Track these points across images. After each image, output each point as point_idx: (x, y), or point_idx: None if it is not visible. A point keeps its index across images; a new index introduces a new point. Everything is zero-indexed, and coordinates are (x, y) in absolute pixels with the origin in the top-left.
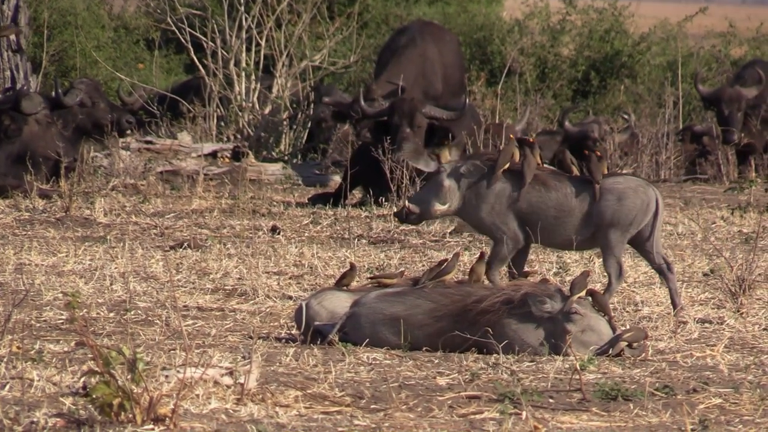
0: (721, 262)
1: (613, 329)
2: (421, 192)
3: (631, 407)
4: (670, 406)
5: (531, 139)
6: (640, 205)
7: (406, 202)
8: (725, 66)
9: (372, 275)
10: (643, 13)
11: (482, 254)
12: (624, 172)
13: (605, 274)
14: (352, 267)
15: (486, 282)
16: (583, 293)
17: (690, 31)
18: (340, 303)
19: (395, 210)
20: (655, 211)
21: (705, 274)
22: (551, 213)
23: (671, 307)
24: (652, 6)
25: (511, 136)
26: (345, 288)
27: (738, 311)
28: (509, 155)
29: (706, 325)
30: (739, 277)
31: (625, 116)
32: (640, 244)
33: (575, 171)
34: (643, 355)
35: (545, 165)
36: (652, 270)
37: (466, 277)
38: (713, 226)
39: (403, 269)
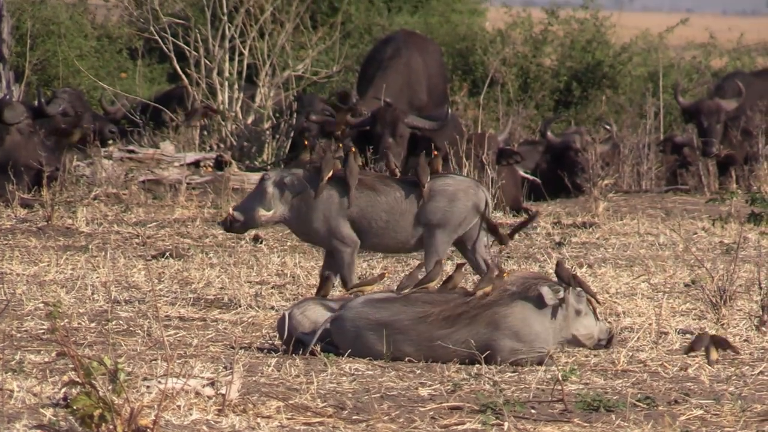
0: (703, 272)
1: (595, 314)
2: (245, 200)
3: (613, 418)
4: (652, 417)
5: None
6: (471, 207)
7: (231, 210)
8: (706, 77)
9: (352, 285)
10: (625, 23)
11: (459, 265)
12: (453, 172)
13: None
14: (328, 277)
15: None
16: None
17: (671, 42)
18: (323, 313)
19: (219, 219)
20: (483, 211)
21: (686, 285)
22: (382, 216)
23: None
24: (634, 17)
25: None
26: (325, 298)
27: (719, 322)
28: (332, 162)
29: (688, 335)
30: (720, 288)
31: (607, 127)
32: (466, 245)
33: (398, 173)
34: (611, 345)
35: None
36: (634, 281)
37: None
38: (694, 236)
39: (383, 271)
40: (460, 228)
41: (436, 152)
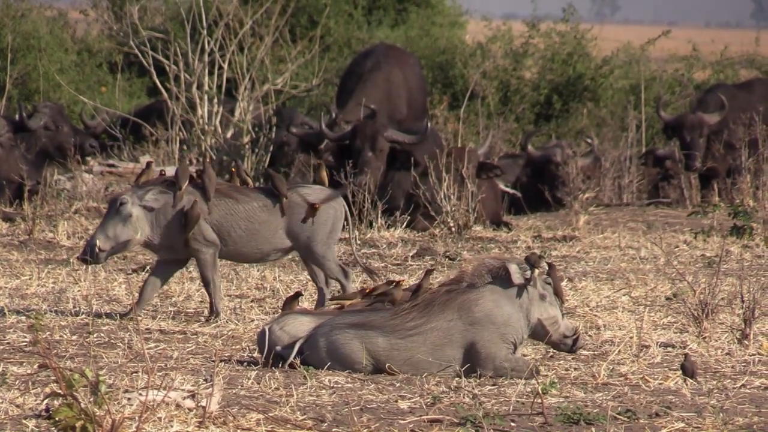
0: (684, 286)
1: (560, 298)
2: (106, 227)
3: (594, 431)
4: (633, 431)
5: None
6: (334, 214)
7: (96, 241)
8: (688, 90)
9: (331, 297)
10: (606, 36)
11: (428, 271)
12: (312, 183)
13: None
14: (297, 293)
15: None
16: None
17: (653, 55)
18: (302, 327)
19: (78, 254)
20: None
21: (668, 298)
22: (242, 225)
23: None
24: (615, 29)
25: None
26: (295, 311)
27: (701, 335)
28: (187, 173)
29: (669, 349)
30: (702, 302)
31: (588, 140)
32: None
33: (251, 183)
34: (578, 345)
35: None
36: (615, 294)
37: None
38: (676, 250)
39: (363, 287)
40: (333, 233)
41: (319, 162)
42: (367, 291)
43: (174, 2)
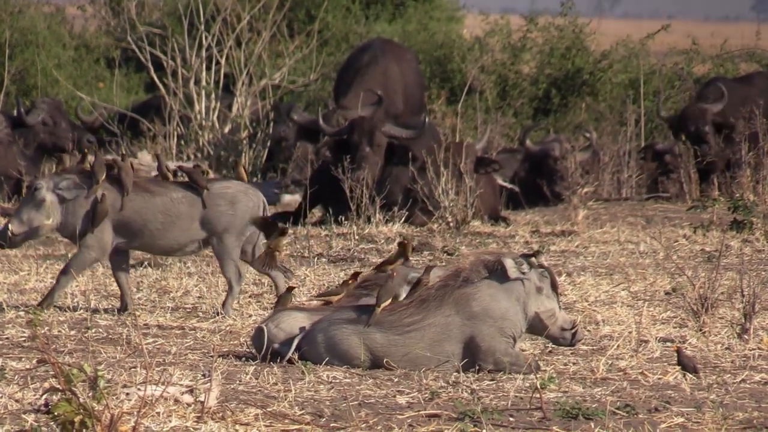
0: (684, 280)
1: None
2: (21, 211)
3: (592, 426)
4: (632, 426)
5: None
6: (252, 208)
7: (9, 224)
8: (688, 84)
9: (317, 294)
10: (605, 30)
11: (428, 267)
12: (231, 177)
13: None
14: (290, 288)
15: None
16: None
17: (652, 49)
18: (297, 323)
19: None
20: (261, 215)
21: (667, 293)
22: (158, 218)
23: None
24: (614, 24)
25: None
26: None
27: (700, 330)
28: (103, 167)
29: (668, 344)
30: (702, 296)
31: (587, 134)
32: (247, 248)
33: (171, 177)
34: (577, 338)
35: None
36: (614, 289)
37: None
38: (675, 244)
39: (349, 279)
40: (246, 230)
41: (237, 160)
42: (350, 282)
43: None
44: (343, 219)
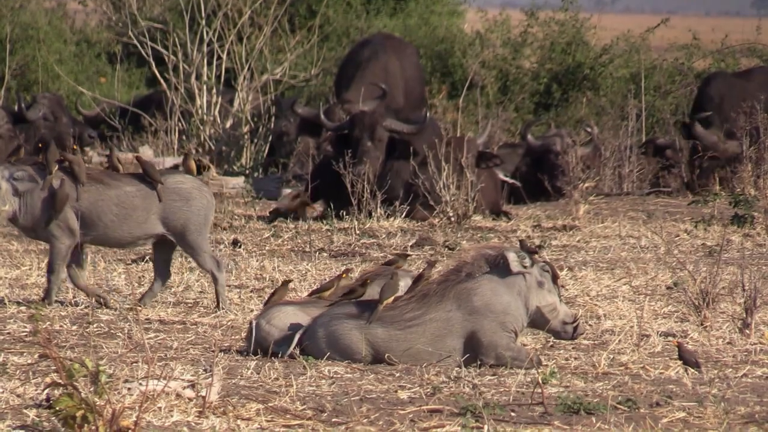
0: (685, 275)
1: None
2: None
3: (594, 421)
4: (633, 420)
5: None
6: (207, 204)
7: None
8: (689, 78)
9: (311, 291)
10: (606, 25)
11: (430, 262)
12: (181, 171)
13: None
14: (286, 281)
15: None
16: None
17: (653, 44)
18: (288, 318)
19: None
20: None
21: (668, 288)
22: (113, 210)
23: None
24: (615, 18)
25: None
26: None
27: (701, 325)
28: (56, 156)
29: (670, 338)
30: (703, 291)
31: (588, 129)
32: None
33: (121, 169)
34: (579, 332)
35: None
36: (615, 283)
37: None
38: (677, 239)
39: (341, 272)
40: (207, 223)
41: (186, 152)
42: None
43: None
44: (344, 214)
